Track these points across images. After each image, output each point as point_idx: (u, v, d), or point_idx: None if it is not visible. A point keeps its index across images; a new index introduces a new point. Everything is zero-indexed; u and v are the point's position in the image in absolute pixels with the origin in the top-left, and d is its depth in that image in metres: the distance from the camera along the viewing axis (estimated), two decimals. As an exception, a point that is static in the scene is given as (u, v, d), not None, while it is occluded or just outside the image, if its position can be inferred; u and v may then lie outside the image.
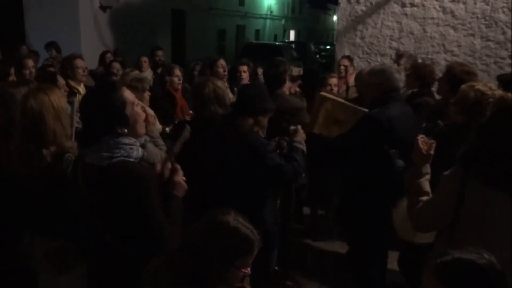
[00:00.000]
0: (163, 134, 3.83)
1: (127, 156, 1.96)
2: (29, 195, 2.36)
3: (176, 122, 4.13)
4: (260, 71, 5.89)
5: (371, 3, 6.76)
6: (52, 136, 2.38)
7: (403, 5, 6.65)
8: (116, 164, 1.93)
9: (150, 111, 3.95)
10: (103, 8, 12.17)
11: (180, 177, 2.11)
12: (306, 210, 5.35)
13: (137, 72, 4.46)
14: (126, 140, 1.98)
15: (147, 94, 3.87)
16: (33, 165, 2.34)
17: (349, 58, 6.27)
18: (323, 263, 4.56)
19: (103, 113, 1.96)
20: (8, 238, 2.46)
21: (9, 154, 2.41)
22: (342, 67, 6.09)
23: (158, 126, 3.92)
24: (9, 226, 2.44)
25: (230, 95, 4.60)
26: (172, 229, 1.94)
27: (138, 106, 2.06)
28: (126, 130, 1.98)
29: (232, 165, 2.82)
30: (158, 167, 2.12)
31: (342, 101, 3.65)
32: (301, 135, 3.08)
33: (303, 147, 3.03)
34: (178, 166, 2.14)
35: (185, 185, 2.12)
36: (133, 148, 1.99)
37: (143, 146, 2.07)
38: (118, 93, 2.00)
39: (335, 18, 45.40)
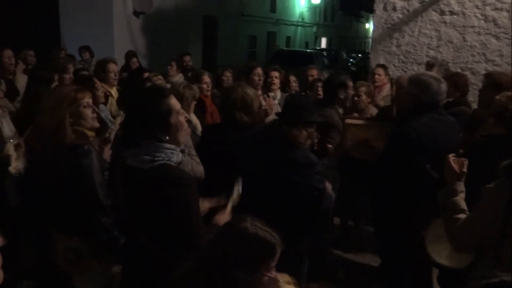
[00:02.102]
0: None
1: (168, 160, 2.00)
2: (49, 187, 2.42)
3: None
4: (292, 78, 5.86)
5: (408, 10, 6.68)
6: (73, 130, 2.46)
7: (442, 13, 6.54)
8: (158, 167, 1.97)
9: (195, 120, 3.99)
10: (136, 13, 12.42)
11: (227, 214, 2.15)
12: (336, 220, 5.28)
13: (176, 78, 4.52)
14: (167, 145, 2.02)
15: (194, 104, 3.85)
16: (53, 157, 2.41)
17: (384, 67, 6.19)
18: (354, 275, 4.49)
19: (148, 119, 2.01)
20: (35, 234, 2.52)
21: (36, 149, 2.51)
22: (376, 76, 6.01)
23: (199, 128, 3.98)
24: (37, 222, 2.50)
25: (263, 102, 4.60)
26: (208, 238, 1.95)
27: (182, 115, 2.10)
28: (167, 138, 2.02)
29: (280, 178, 2.73)
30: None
31: (365, 122, 3.77)
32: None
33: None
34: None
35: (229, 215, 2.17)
36: (174, 153, 2.03)
37: (182, 151, 2.11)
38: (166, 100, 2.04)
39: (367, 25, 45.11)
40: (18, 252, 2.45)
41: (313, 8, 31.66)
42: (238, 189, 2.45)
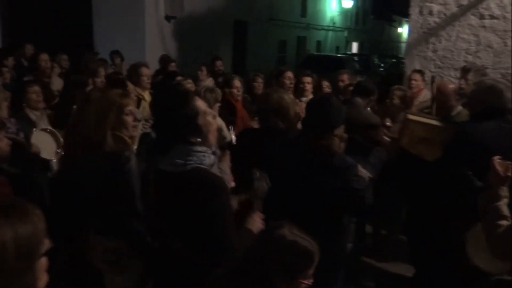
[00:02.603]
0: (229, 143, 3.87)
1: (200, 163, 2.02)
2: (90, 191, 2.46)
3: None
4: (325, 83, 5.82)
5: (445, 14, 6.55)
6: (113, 135, 2.50)
7: (482, 17, 6.39)
8: (191, 171, 1.99)
9: (219, 121, 4.01)
10: (167, 18, 12.60)
11: (259, 218, 2.14)
12: (368, 229, 5.21)
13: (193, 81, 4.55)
14: (198, 148, 2.04)
15: (217, 106, 3.91)
16: (94, 162, 2.45)
17: (421, 73, 6.08)
18: (386, 285, 4.41)
19: (176, 123, 2.03)
20: (73, 234, 2.57)
21: (75, 153, 2.56)
22: (413, 82, 5.90)
23: (227, 134, 3.99)
24: (75, 222, 2.55)
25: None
26: (241, 244, 1.96)
27: (210, 116, 2.11)
28: (199, 140, 2.03)
29: (316, 185, 2.68)
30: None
31: (430, 121, 3.62)
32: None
33: (367, 177, 2.93)
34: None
35: (262, 225, 2.16)
36: (206, 155, 2.05)
37: (214, 153, 2.12)
38: (191, 103, 2.06)
39: (400, 30, 44.53)
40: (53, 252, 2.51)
41: (344, 13, 31.47)
42: (262, 184, 2.45)
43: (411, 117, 3.72)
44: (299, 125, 3.96)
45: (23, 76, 6.44)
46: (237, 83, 5.30)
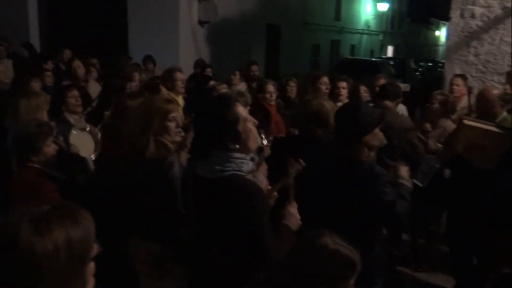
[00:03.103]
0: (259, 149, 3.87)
1: (238, 170, 2.03)
2: (133, 196, 2.50)
3: (271, 138, 4.16)
4: (363, 88, 5.76)
5: (488, 17, 6.38)
6: (156, 141, 2.53)
7: (528, 19, 6.19)
8: (228, 178, 2.00)
9: None
10: (201, 23, 12.75)
11: (295, 210, 2.14)
12: (405, 237, 5.12)
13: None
14: (237, 154, 2.05)
15: (247, 109, 3.93)
16: (138, 167, 2.49)
17: (463, 77, 5.89)
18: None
19: (216, 128, 2.04)
20: (115, 239, 2.61)
21: (118, 158, 2.60)
22: (455, 87, 5.73)
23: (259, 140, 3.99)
24: (117, 227, 2.60)
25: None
26: (279, 249, 1.95)
27: (250, 122, 2.12)
28: (237, 146, 2.04)
29: (344, 194, 2.68)
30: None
31: (487, 127, 3.53)
32: (405, 170, 2.90)
33: (410, 185, 2.86)
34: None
35: (299, 219, 2.14)
36: (244, 162, 2.06)
37: (252, 159, 2.13)
38: (232, 109, 2.07)
39: (438, 33, 43.72)
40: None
41: (379, 16, 31.14)
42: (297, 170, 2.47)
43: (466, 122, 3.62)
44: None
45: (61, 80, 6.64)
46: (270, 88, 5.29)
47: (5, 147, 3.91)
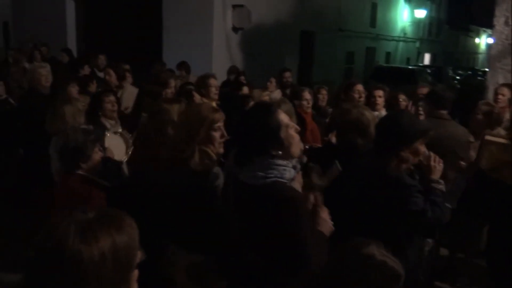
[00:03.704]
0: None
1: (281, 177, 2.06)
2: (176, 207, 2.54)
3: (307, 147, 4.15)
4: (402, 97, 5.68)
5: (533, 25, 6.23)
6: (200, 150, 2.55)
7: None
8: (270, 184, 2.03)
9: None
10: (235, 29, 12.88)
11: (327, 215, 2.15)
12: (443, 251, 5.01)
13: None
14: (280, 161, 2.08)
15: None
16: (182, 177, 2.52)
17: (509, 87, 5.68)
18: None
19: (258, 135, 2.08)
20: (153, 248, 2.65)
21: (159, 166, 2.63)
22: (500, 96, 5.54)
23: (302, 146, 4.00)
24: (155, 236, 2.64)
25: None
26: (318, 258, 1.97)
27: (292, 129, 2.14)
28: (280, 152, 2.07)
29: (375, 204, 2.67)
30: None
31: (507, 142, 3.42)
32: (438, 172, 2.82)
33: (442, 186, 2.80)
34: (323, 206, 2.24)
35: (331, 224, 2.15)
36: (286, 169, 2.09)
37: (294, 167, 2.15)
38: (274, 115, 2.10)
39: (477, 40, 42.81)
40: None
41: (416, 23, 30.73)
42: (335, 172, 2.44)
43: (488, 138, 3.56)
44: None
45: (97, 86, 6.81)
46: (307, 95, 5.29)
47: (47, 151, 4.05)
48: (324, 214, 2.26)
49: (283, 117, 2.13)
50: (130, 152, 4.03)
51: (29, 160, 5.33)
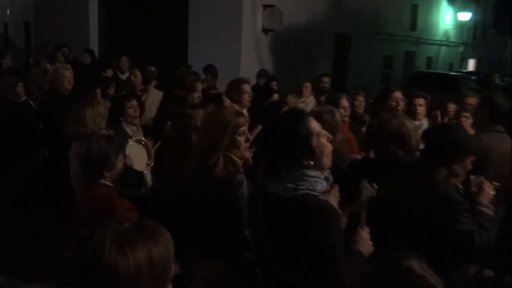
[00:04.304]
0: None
1: (312, 189, 2.05)
2: (197, 215, 2.57)
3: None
4: (452, 106, 5.57)
5: None
6: (225, 156, 2.56)
7: None
8: (300, 197, 2.03)
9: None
10: (265, 31, 12.89)
11: (367, 234, 2.13)
12: (488, 273, 4.89)
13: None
14: (311, 172, 2.07)
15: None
16: (206, 185, 2.54)
17: None
18: None
19: (288, 144, 2.07)
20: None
21: (184, 173, 2.65)
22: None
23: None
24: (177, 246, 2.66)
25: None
26: (351, 275, 1.95)
27: (325, 137, 2.14)
28: (311, 163, 2.07)
29: (418, 219, 2.63)
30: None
31: None
32: (487, 195, 2.78)
33: (491, 212, 2.74)
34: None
35: (371, 245, 2.17)
36: (318, 181, 2.08)
37: (327, 179, 2.15)
38: (305, 123, 2.10)
39: (527, 46, 41.88)
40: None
41: (460, 26, 30.32)
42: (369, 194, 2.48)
43: None
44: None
45: (119, 88, 6.91)
46: (344, 102, 5.19)
47: (67, 155, 4.11)
48: (364, 233, 2.23)
49: (315, 125, 2.13)
50: (151, 164, 4.06)
51: (49, 164, 5.44)
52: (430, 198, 2.61)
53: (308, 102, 6.66)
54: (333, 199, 2.49)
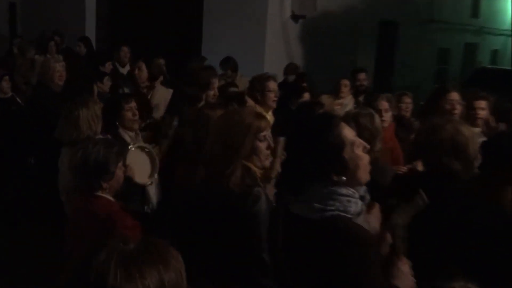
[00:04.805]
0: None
1: (344, 211, 2.04)
2: (210, 234, 2.60)
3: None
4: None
5: None
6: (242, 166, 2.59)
7: None
8: (330, 219, 2.03)
9: None
10: (295, 17, 12.89)
11: (407, 267, 2.14)
12: None
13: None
14: (343, 190, 2.07)
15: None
16: (217, 199, 2.59)
17: None
18: None
19: (316, 156, 2.07)
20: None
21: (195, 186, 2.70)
22: None
23: None
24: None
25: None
26: None
27: (360, 147, 2.13)
28: (344, 178, 2.06)
29: (477, 245, 2.61)
30: None
31: None
32: None
33: None
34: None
35: (413, 280, 2.17)
36: (351, 201, 2.07)
37: (362, 198, 2.14)
38: (335, 130, 2.09)
39: None
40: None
41: (535, 12, 29.95)
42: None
43: None
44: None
45: (118, 86, 7.01)
46: (383, 104, 5.19)
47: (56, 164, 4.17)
48: (404, 266, 2.22)
49: (348, 132, 2.12)
50: (155, 176, 4.09)
51: (39, 171, 5.52)
52: (496, 224, 2.59)
53: (346, 103, 6.65)
54: (375, 220, 2.50)
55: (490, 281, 2.62)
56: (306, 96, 6.50)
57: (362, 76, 7.84)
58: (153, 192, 4.16)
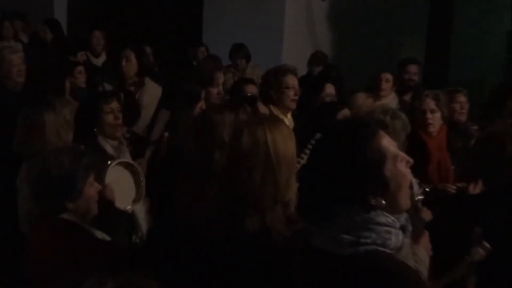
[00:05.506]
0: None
1: (382, 244, 2.04)
2: (219, 269, 2.64)
3: (428, 189, 4.10)
4: None
5: None
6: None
7: None
8: (365, 256, 2.02)
9: None
10: (321, -5, 12.88)
11: None
12: None
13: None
14: (381, 218, 2.06)
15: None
16: (231, 232, 2.62)
17: None
18: None
19: (347, 172, 2.04)
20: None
21: (202, 209, 2.75)
22: None
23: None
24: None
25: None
26: None
27: (403, 162, 2.12)
28: (383, 202, 2.05)
29: None
30: None
31: None
32: None
33: None
34: None
35: None
36: (391, 232, 2.06)
37: (404, 228, 2.13)
38: (373, 140, 2.08)
39: None
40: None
41: None
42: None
43: None
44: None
45: (94, 82, 7.10)
46: (430, 103, 5.18)
47: (15, 183, 4.20)
48: None
49: (388, 143, 2.11)
50: (140, 199, 4.11)
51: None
52: None
53: (388, 103, 6.63)
54: (423, 250, 2.52)
55: None
56: (330, 90, 6.49)
57: (413, 68, 7.81)
58: (142, 218, 4.18)
